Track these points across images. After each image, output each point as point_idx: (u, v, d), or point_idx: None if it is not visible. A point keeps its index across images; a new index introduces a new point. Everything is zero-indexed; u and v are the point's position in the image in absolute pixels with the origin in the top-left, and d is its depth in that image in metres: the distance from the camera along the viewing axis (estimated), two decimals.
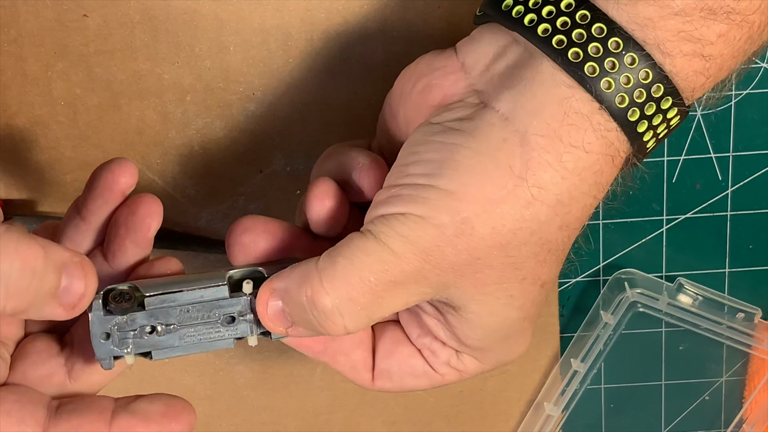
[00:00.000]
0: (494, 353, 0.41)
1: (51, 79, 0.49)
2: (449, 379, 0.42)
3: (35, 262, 0.34)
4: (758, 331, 0.56)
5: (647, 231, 0.55)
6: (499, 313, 0.38)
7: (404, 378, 0.42)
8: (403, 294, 0.36)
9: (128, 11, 0.48)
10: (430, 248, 0.35)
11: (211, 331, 0.39)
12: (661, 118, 0.37)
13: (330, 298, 0.36)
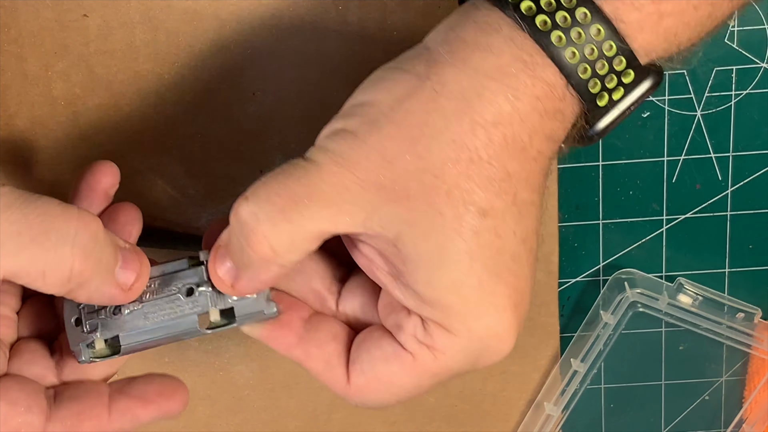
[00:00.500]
0: (457, 314, 0.36)
1: (51, 79, 0.49)
2: (422, 361, 0.38)
3: (97, 230, 0.36)
4: (758, 331, 0.56)
5: (647, 231, 0.55)
6: (434, 238, 0.35)
7: (376, 365, 0.39)
8: (328, 210, 0.35)
9: (128, 11, 0.48)
10: (345, 154, 0.35)
11: (174, 307, 0.39)
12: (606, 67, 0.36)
13: (248, 203, 0.36)
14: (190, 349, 0.55)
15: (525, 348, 0.56)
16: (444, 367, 0.38)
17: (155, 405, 0.39)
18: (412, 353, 0.38)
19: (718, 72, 0.52)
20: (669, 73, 0.52)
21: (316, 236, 0.36)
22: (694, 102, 0.53)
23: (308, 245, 0.36)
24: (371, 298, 0.41)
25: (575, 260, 0.55)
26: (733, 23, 0.51)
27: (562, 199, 0.54)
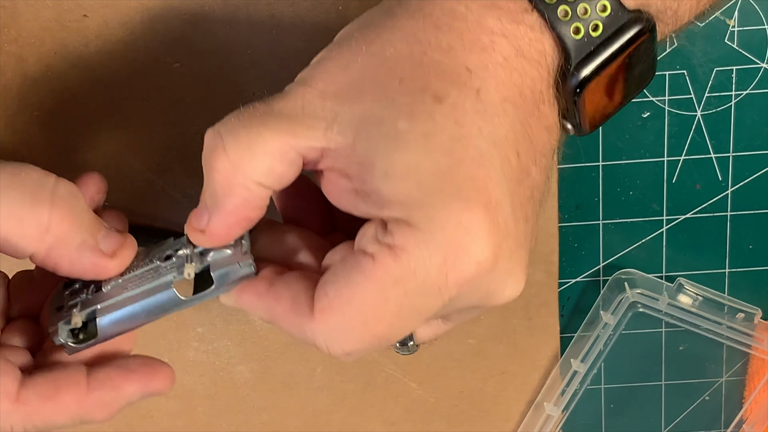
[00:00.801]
0: (415, 202, 0.33)
1: (51, 79, 0.49)
2: (382, 263, 0.33)
3: (77, 191, 0.37)
4: (758, 332, 0.56)
5: (647, 231, 0.55)
6: (387, 125, 0.34)
7: (338, 281, 0.34)
8: (289, 123, 0.35)
9: (128, 11, 0.48)
10: (308, 74, 0.36)
11: (152, 274, 0.38)
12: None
13: (214, 127, 0.36)
14: (190, 349, 0.55)
15: (525, 348, 0.56)
16: (407, 269, 0.33)
17: (137, 375, 0.37)
18: (372, 256, 0.33)
19: (718, 72, 0.52)
20: (669, 73, 0.52)
21: (278, 151, 0.35)
22: (694, 102, 0.53)
23: (270, 162, 0.35)
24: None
25: (575, 260, 0.55)
26: (733, 23, 0.51)
27: (562, 199, 0.54)
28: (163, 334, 0.55)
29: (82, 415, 0.36)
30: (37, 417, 0.35)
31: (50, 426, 0.36)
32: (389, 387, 0.56)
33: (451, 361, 0.56)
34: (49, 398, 0.35)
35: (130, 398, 0.37)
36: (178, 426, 0.56)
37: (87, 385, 0.36)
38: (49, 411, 0.35)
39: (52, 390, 0.36)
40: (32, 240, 0.36)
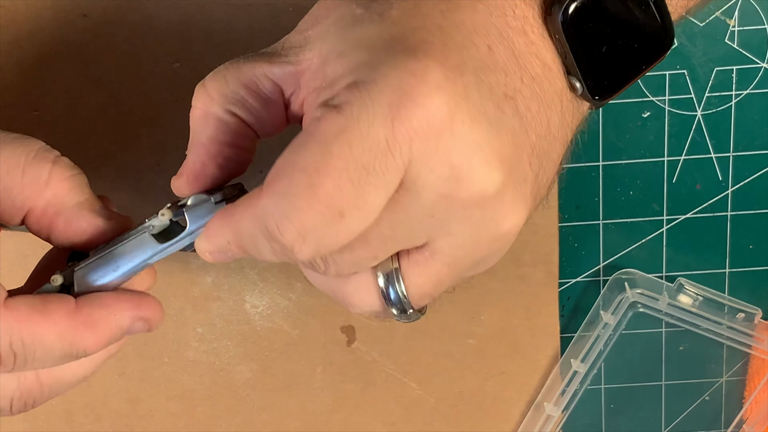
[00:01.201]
0: (365, 64, 0.32)
1: (51, 79, 0.49)
2: (326, 118, 0.31)
3: (81, 172, 0.38)
4: (758, 331, 0.56)
5: (647, 231, 0.55)
6: (345, 17, 0.34)
7: (285, 155, 0.33)
8: (268, 57, 0.36)
9: (128, 11, 0.48)
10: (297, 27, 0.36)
11: (134, 231, 0.37)
12: None
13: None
14: (190, 349, 0.55)
15: (525, 348, 0.56)
16: (350, 118, 0.31)
17: (126, 297, 0.36)
18: (318, 118, 0.32)
19: (719, 72, 0.52)
20: (669, 73, 0.52)
21: (252, 80, 0.36)
22: (694, 102, 0.53)
23: (244, 91, 0.36)
24: None
25: (575, 260, 0.55)
26: (734, 23, 0.51)
27: (562, 199, 0.54)
28: (163, 334, 0.55)
29: (71, 334, 0.34)
30: (24, 329, 0.33)
31: (38, 344, 0.34)
32: (389, 387, 0.56)
33: (451, 361, 0.56)
34: (38, 310, 0.34)
35: (121, 321, 0.36)
36: (178, 426, 0.56)
37: (75, 304, 0.35)
38: (37, 324, 0.33)
39: (40, 303, 0.34)
40: (31, 192, 0.36)
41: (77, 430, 0.56)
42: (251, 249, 0.34)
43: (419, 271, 0.35)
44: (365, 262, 0.34)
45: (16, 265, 0.53)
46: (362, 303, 0.36)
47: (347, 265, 0.34)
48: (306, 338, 0.55)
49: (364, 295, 0.36)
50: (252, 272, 0.54)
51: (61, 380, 0.36)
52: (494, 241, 0.34)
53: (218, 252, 0.36)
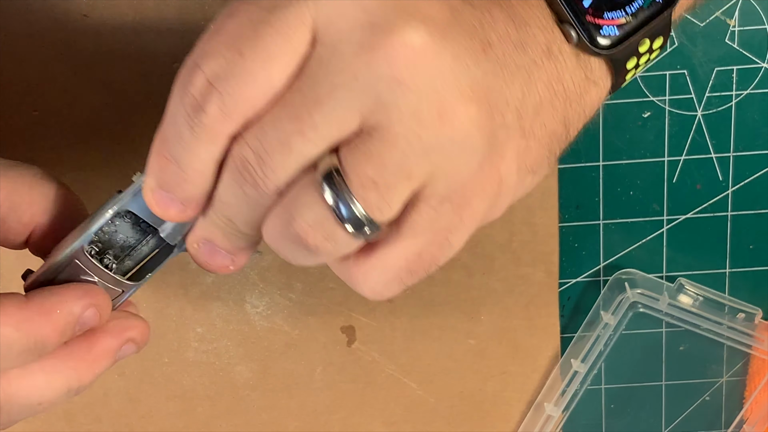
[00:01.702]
0: None
1: (51, 79, 0.49)
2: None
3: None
4: (759, 332, 0.56)
5: (647, 231, 0.55)
6: None
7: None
8: None
9: (128, 11, 0.48)
10: None
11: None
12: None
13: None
14: (190, 349, 0.55)
15: (525, 348, 0.56)
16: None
17: (74, 285, 0.36)
18: None
19: (719, 72, 0.52)
20: (669, 73, 0.52)
21: None
22: (694, 102, 0.53)
23: None
24: None
25: (575, 260, 0.55)
26: (734, 23, 0.51)
27: (562, 199, 0.54)
28: (163, 334, 0.55)
29: (28, 326, 0.34)
30: None
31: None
32: (389, 387, 0.56)
33: (451, 361, 0.56)
34: None
35: (72, 307, 0.35)
36: (178, 426, 0.56)
37: (25, 296, 0.35)
38: None
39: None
40: (38, 209, 0.37)
41: (77, 430, 0.56)
42: (170, 128, 0.33)
43: (357, 155, 0.30)
44: (295, 140, 0.30)
45: (16, 266, 0.53)
46: (311, 222, 0.31)
47: (276, 146, 0.31)
48: (306, 338, 0.55)
49: (309, 211, 0.31)
50: (252, 272, 0.54)
51: (14, 399, 0.35)
52: (441, 121, 0.30)
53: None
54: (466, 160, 0.31)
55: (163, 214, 0.34)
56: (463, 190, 0.32)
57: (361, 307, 0.55)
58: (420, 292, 0.55)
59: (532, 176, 0.35)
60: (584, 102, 0.35)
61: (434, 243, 0.33)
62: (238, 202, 0.32)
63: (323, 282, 0.54)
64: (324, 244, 0.32)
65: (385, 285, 0.33)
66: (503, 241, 0.54)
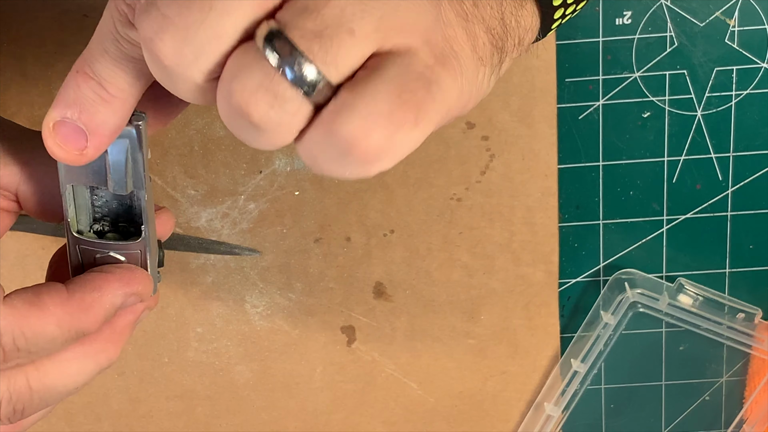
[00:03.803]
0: None
1: (51, 79, 0.49)
2: None
3: None
4: (758, 332, 0.56)
5: (647, 231, 0.55)
6: None
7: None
8: None
9: None
10: None
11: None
12: None
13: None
14: (190, 349, 0.55)
15: (525, 348, 0.56)
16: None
17: (115, 276, 0.36)
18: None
19: (719, 72, 0.52)
20: (669, 73, 0.52)
21: None
22: (694, 102, 0.53)
23: None
24: None
25: (575, 260, 0.55)
26: (734, 23, 0.51)
27: (562, 199, 0.54)
28: (163, 334, 0.55)
29: (69, 321, 0.35)
30: (24, 323, 0.34)
31: (41, 336, 0.34)
32: (389, 387, 0.56)
33: (451, 361, 0.56)
34: (33, 303, 0.34)
35: (113, 299, 0.36)
36: (178, 426, 0.56)
37: (66, 289, 0.35)
38: (36, 318, 0.34)
39: (33, 296, 0.34)
40: None
41: (77, 430, 0.56)
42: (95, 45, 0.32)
43: (295, 10, 0.29)
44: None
45: (16, 265, 0.53)
46: (252, 88, 0.29)
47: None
48: (306, 338, 0.55)
49: (250, 76, 0.29)
50: (252, 272, 0.54)
51: (52, 388, 0.36)
52: None
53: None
54: (416, 16, 0.30)
55: (62, 152, 0.33)
56: (427, 47, 0.30)
57: (361, 307, 0.55)
58: (420, 292, 0.55)
59: (485, 69, 0.33)
60: (520, 16, 0.34)
61: (413, 82, 0.30)
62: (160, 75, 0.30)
63: (323, 282, 0.54)
64: (269, 112, 0.29)
65: (374, 118, 0.29)
66: (503, 241, 0.54)
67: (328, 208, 0.53)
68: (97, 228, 0.37)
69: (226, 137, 0.51)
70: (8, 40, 0.48)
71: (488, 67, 0.33)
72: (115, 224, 0.38)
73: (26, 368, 0.35)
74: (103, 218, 0.37)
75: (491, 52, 0.33)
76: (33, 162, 0.37)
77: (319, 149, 0.30)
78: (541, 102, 0.52)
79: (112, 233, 0.38)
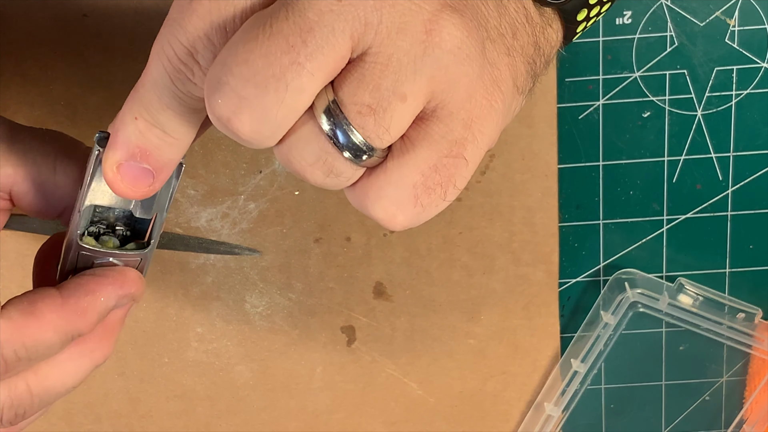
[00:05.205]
0: None
1: (51, 79, 0.49)
2: None
3: None
4: (758, 331, 0.56)
5: (647, 231, 0.55)
6: None
7: None
8: None
9: (127, 11, 0.48)
10: None
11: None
12: None
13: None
14: (190, 349, 0.55)
15: (525, 348, 0.56)
16: None
17: (107, 279, 0.36)
18: None
19: (719, 72, 0.52)
20: (669, 73, 0.52)
21: None
22: (694, 102, 0.53)
23: None
24: None
25: (575, 260, 0.55)
26: (734, 23, 0.51)
27: (562, 199, 0.54)
28: (163, 334, 0.55)
29: (65, 326, 0.35)
30: (24, 334, 0.34)
31: (40, 344, 0.35)
32: (389, 387, 0.56)
33: (451, 361, 0.56)
34: (30, 313, 0.34)
35: (107, 303, 0.36)
36: (178, 426, 0.56)
37: (60, 294, 0.36)
38: (33, 326, 0.34)
39: (29, 305, 0.35)
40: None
41: (77, 430, 0.56)
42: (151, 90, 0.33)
43: (351, 81, 0.31)
44: (291, 73, 0.30)
45: (16, 265, 0.53)
46: (311, 161, 0.32)
47: (271, 81, 0.30)
48: (306, 338, 0.55)
49: (308, 148, 0.31)
50: (252, 272, 0.54)
51: (51, 390, 0.37)
52: (428, 34, 0.31)
53: (128, 152, 0.34)
54: (464, 69, 0.31)
55: (131, 192, 0.34)
56: (469, 103, 0.32)
57: (361, 307, 0.55)
58: (420, 292, 0.55)
59: (521, 97, 0.35)
60: (547, 34, 0.36)
61: (448, 157, 0.32)
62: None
63: (323, 282, 0.54)
64: (325, 180, 0.32)
65: (400, 204, 0.32)
66: (503, 241, 0.54)
67: (328, 208, 0.53)
68: (92, 230, 0.37)
69: (225, 137, 0.51)
70: (7, 40, 0.48)
71: (523, 94, 0.35)
72: (112, 227, 0.38)
73: (25, 374, 0.36)
74: (99, 221, 0.37)
75: (527, 80, 0.35)
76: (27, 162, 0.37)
77: (355, 193, 0.33)
78: (541, 102, 0.52)
79: (108, 236, 0.38)
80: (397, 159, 0.32)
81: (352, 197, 0.34)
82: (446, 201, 0.33)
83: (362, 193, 0.33)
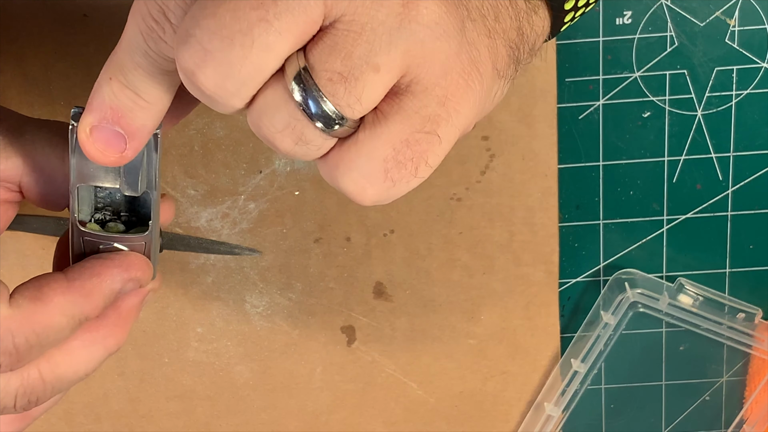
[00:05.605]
0: None
1: (51, 79, 0.49)
2: None
3: None
4: (759, 331, 0.56)
5: (648, 231, 0.55)
6: None
7: None
8: None
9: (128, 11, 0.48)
10: None
11: None
12: None
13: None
14: (190, 349, 0.55)
15: (525, 348, 0.56)
16: None
17: (114, 262, 0.36)
18: None
19: (719, 72, 0.52)
20: (669, 73, 0.52)
21: None
22: (694, 102, 0.53)
23: None
24: None
25: (575, 260, 0.55)
26: (734, 23, 0.51)
27: (562, 199, 0.54)
28: (163, 334, 0.55)
29: (72, 309, 0.35)
30: (33, 321, 0.34)
31: (50, 329, 0.35)
32: (389, 387, 0.56)
33: (451, 361, 0.56)
34: (37, 299, 0.35)
35: (112, 285, 0.36)
36: (178, 426, 0.56)
37: (66, 278, 0.36)
38: (41, 312, 0.34)
39: (35, 290, 0.35)
40: None
41: (77, 430, 0.56)
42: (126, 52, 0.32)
43: (323, 48, 0.30)
44: (259, 30, 0.29)
45: (16, 265, 0.53)
46: (280, 127, 0.31)
47: (238, 38, 0.29)
48: (306, 338, 0.55)
49: (277, 114, 0.31)
50: (252, 272, 0.54)
51: (64, 377, 0.37)
52: (406, 6, 0.30)
53: (102, 114, 0.33)
54: (441, 45, 0.31)
55: (102, 156, 0.34)
56: (444, 80, 0.31)
57: (361, 307, 0.55)
58: (420, 292, 0.55)
59: (502, 81, 0.34)
60: (532, 21, 0.35)
61: (421, 132, 0.31)
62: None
63: (323, 282, 0.54)
64: (294, 148, 0.31)
65: (370, 177, 0.31)
66: (503, 241, 0.54)
67: (328, 208, 0.53)
68: (98, 217, 0.38)
69: (226, 137, 0.51)
70: (8, 40, 0.48)
71: (504, 79, 0.34)
72: (117, 213, 0.38)
73: (38, 361, 0.36)
74: (105, 208, 0.38)
75: (509, 65, 0.34)
76: (36, 153, 0.38)
77: (325, 165, 0.32)
78: (541, 102, 0.52)
79: (114, 222, 0.38)
80: (369, 131, 0.31)
81: (323, 169, 0.33)
82: (417, 178, 0.32)
83: (333, 164, 0.32)
